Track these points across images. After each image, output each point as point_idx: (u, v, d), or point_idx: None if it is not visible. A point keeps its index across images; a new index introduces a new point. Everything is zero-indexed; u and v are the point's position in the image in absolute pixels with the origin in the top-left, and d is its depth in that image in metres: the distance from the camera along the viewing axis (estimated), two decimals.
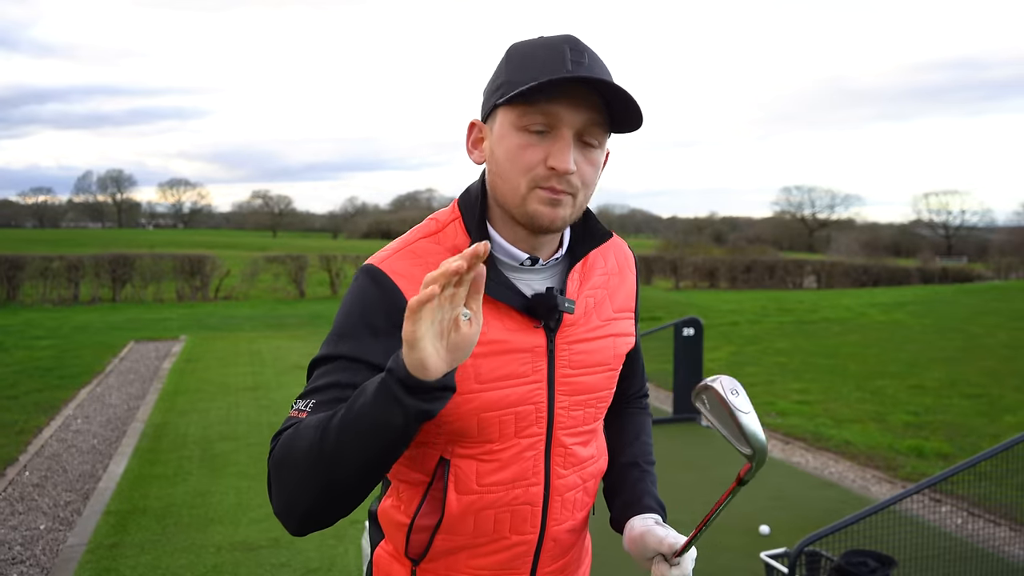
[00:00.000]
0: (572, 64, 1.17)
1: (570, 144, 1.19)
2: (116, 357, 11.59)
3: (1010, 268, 42.27)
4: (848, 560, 3.41)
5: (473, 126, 1.30)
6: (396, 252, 1.26)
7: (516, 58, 1.22)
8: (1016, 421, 7.57)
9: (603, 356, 1.35)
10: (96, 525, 4.94)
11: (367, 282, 1.23)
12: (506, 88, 1.19)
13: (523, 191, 1.21)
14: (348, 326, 1.21)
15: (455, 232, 1.29)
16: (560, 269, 1.34)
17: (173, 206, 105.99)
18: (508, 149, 1.21)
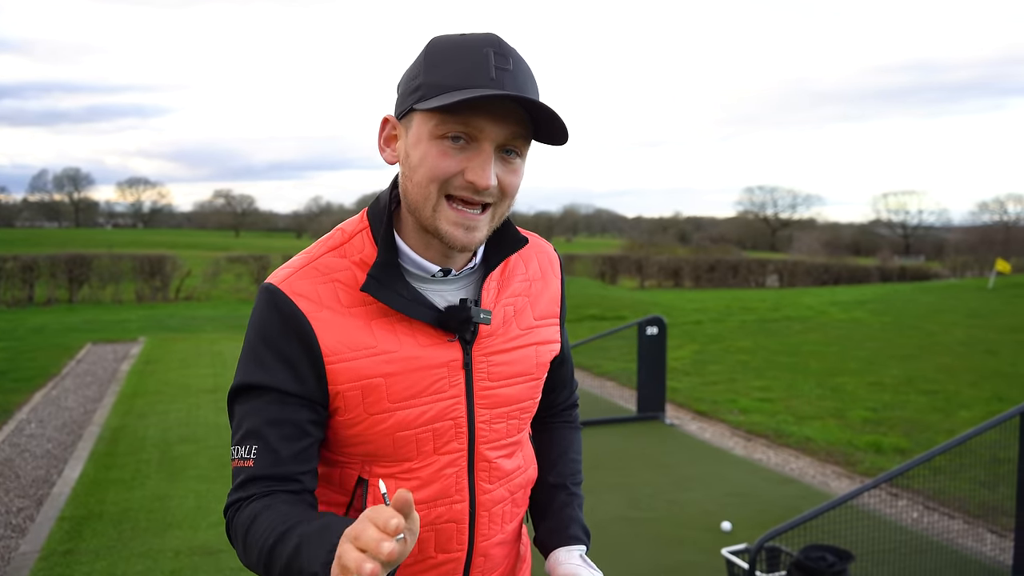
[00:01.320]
0: (496, 71, 1.10)
1: (491, 158, 1.13)
2: (73, 359, 11.35)
3: (965, 267, 43.25)
4: (807, 555, 3.45)
5: (386, 122, 1.22)
6: (298, 270, 1.21)
7: (435, 57, 1.14)
8: (970, 416, 7.74)
9: (524, 366, 1.30)
10: (50, 532, 4.82)
11: (268, 307, 1.19)
12: (425, 91, 1.12)
13: (434, 199, 1.14)
14: (258, 354, 1.18)
15: (362, 244, 1.23)
16: (475, 278, 1.29)
17: (132, 205, 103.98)
18: (424, 155, 1.14)
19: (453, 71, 1.11)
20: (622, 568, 4.31)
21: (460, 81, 1.10)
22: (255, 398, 1.17)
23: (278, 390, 1.16)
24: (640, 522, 4.97)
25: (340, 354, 1.15)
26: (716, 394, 9.03)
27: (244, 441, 1.17)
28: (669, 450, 6.67)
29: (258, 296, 1.21)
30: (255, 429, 1.17)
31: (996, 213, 74.56)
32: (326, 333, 1.16)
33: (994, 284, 23.62)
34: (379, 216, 1.23)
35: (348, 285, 1.19)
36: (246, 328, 1.25)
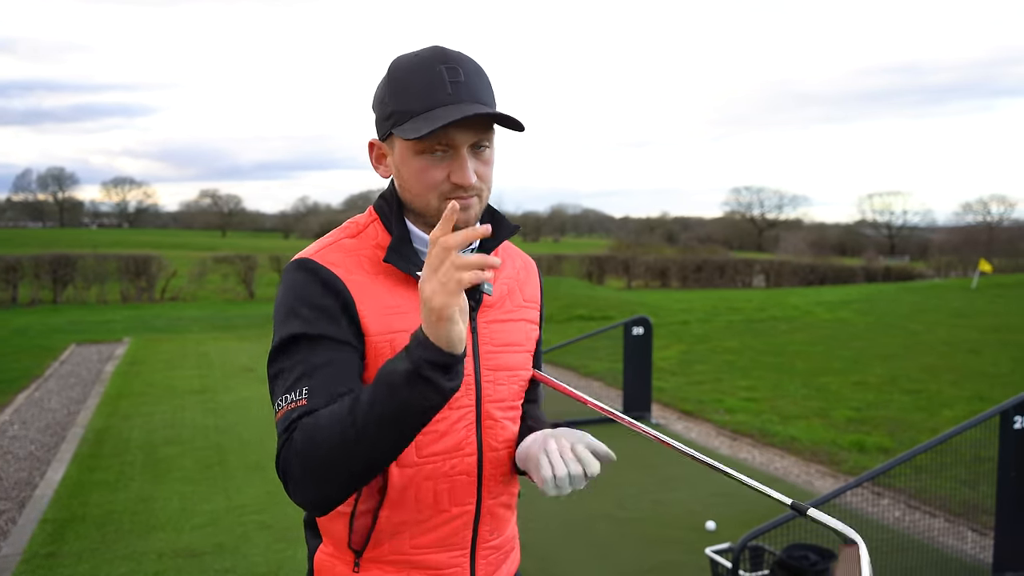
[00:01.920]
0: (451, 86, 1.28)
1: (467, 159, 1.31)
2: (56, 361, 11.27)
3: (949, 267, 43.63)
4: (790, 554, 3.48)
5: (373, 146, 1.41)
6: (325, 247, 1.36)
7: (397, 84, 1.31)
8: (953, 415, 7.81)
9: (518, 336, 1.47)
10: (32, 534, 4.79)
11: (303, 273, 1.31)
12: (397, 118, 1.31)
13: (435, 205, 1.33)
14: (300, 313, 1.28)
15: (376, 232, 1.40)
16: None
17: (118, 205, 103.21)
18: (413, 172, 1.33)
19: (416, 95, 1.29)
20: (607, 567, 4.33)
21: (424, 103, 1.28)
22: (302, 349, 1.26)
23: (324, 336, 1.27)
24: (625, 522, 4.99)
25: (372, 309, 1.29)
26: (702, 394, 9.07)
27: (295, 386, 1.24)
28: (654, 450, 6.68)
29: (288, 272, 1.33)
30: (306, 372, 1.25)
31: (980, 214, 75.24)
32: (359, 293, 1.30)
33: (977, 284, 23.83)
34: (388, 207, 1.40)
35: (370, 260, 1.35)
36: (274, 308, 1.36)
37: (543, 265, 28.93)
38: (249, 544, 4.57)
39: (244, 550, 4.49)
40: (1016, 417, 3.88)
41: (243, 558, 4.39)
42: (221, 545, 4.56)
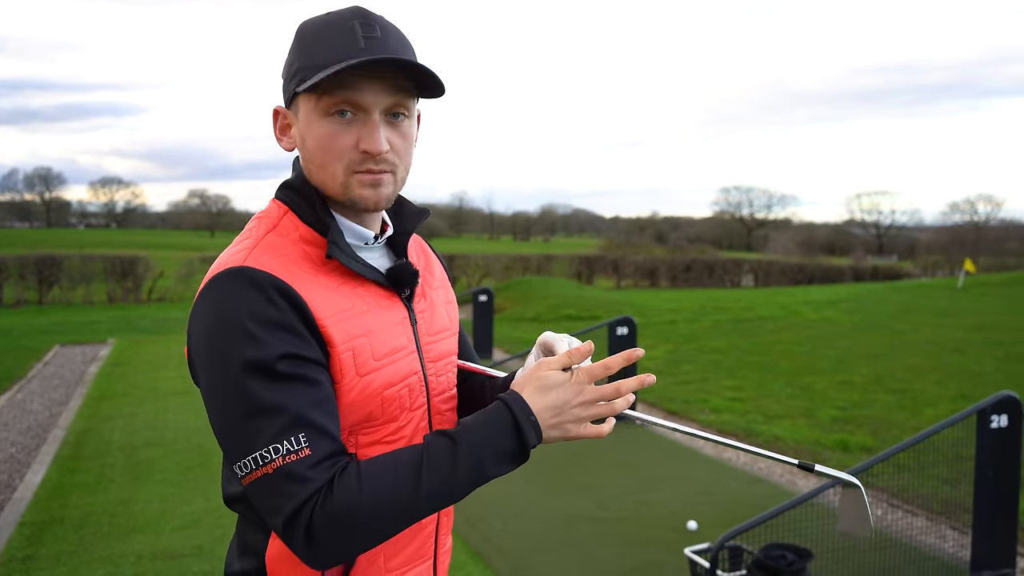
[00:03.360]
0: (364, 40, 1.16)
1: (378, 125, 1.19)
2: (40, 362, 11.18)
3: (936, 266, 43.92)
4: (767, 553, 3.48)
5: (277, 113, 1.27)
6: (252, 250, 1.18)
7: (306, 40, 1.19)
8: (936, 415, 7.84)
9: (445, 321, 1.41)
10: (9, 537, 4.75)
11: (242, 289, 1.11)
12: (303, 74, 1.17)
13: (341, 178, 1.20)
14: (251, 333, 1.08)
15: (293, 224, 1.24)
16: (386, 247, 1.36)
17: (105, 205, 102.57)
18: (318, 137, 1.19)
19: (324, 50, 1.16)
20: (587, 568, 4.32)
21: (332, 57, 1.15)
22: (273, 381, 1.08)
23: (297, 358, 1.10)
24: (607, 522, 4.99)
25: (329, 316, 1.15)
26: (688, 393, 9.08)
27: (287, 432, 1.07)
28: (638, 450, 6.69)
29: (220, 285, 1.12)
30: (293, 412, 1.08)
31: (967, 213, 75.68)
32: (313, 299, 1.15)
33: (963, 283, 23.97)
34: (300, 195, 1.25)
35: (303, 258, 1.20)
36: (198, 336, 1.14)
37: (532, 265, 28.95)
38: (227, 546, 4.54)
39: (223, 552, 4.46)
40: (994, 416, 3.90)
41: (222, 560, 4.36)
42: (200, 547, 4.53)
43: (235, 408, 1.09)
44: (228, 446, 1.11)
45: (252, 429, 1.08)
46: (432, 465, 1.10)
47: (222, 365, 1.09)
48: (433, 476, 1.10)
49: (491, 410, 1.16)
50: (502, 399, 1.17)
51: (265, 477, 1.07)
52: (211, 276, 1.15)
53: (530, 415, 1.15)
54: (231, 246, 1.23)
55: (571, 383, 1.17)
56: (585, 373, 1.17)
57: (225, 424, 1.11)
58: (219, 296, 1.12)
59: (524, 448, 1.15)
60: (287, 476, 1.06)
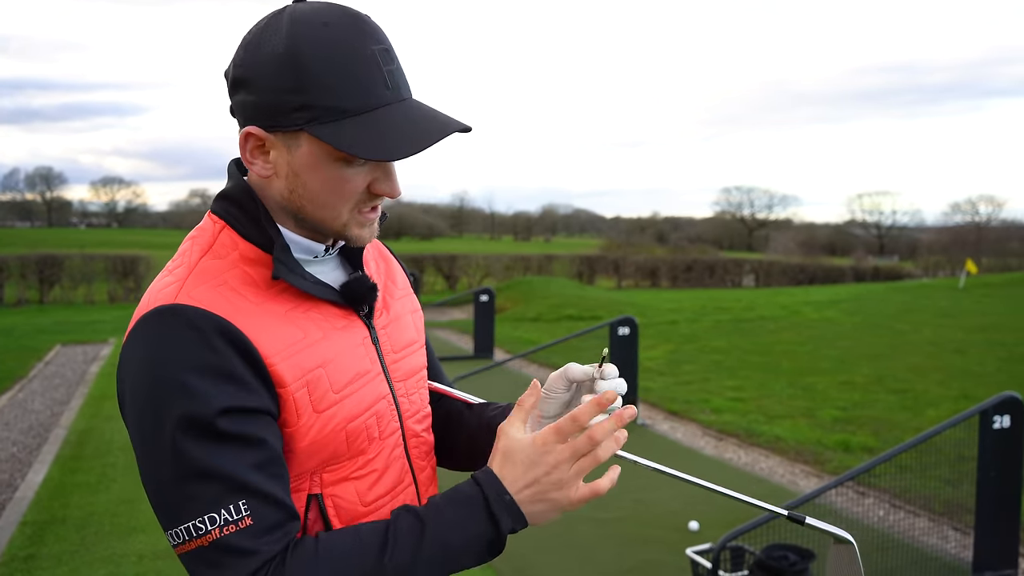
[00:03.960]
0: (387, 75, 1.04)
1: (393, 167, 1.10)
2: (41, 361, 11.19)
3: (938, 266, 43.89)
4: (769, 554, 3.48)
5: (250, 136, 1.06)
6: (184, 281, 1.04)
7: (314, 67, 1.01)
8: (938, 415, 7.83)
9: (411, 334, 1.27)
10: (11, 537, 4.75)
11: (175, 331, 0.98)
12: (321, 114, 1.01)
13: (345, 218, 1.09)
14: (187, 385, 0.95)
15: (232, 242, 1.09)
16: (339, 258, 1.23)
17: (107, 205, 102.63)
18: (328, 180, 1.06)
19: (347, 89, 1.01)
20: (588, 568, 4.32)
21: (361, 101, 1.02)
22: (210, 439, 0.95)
23: (238, 411, 0.97)
24: (607, 522, 4.98)
25: (278, 352, 1.02)
26: (689, 394, 9.08)
27: (224, 499, 0.95)
28: (639, 450, 6.68)
29: (146, 329, 0.99)
30: (232, 476, 0.95)
31: (968, 214, 75.61)
32: (257, 334, 1.01)
33: (964, 284, 23.96)
34: (241, 209, 1.10)
35: (244, 283, 1.06)
36: (128, 385, 1.00)
37: (533, 265, 28.95)
38: None
39: None
40: (996, 416, 3.89)
41: None
42: None
43: (166, 470, 0.96)
44: (159, 512, 0.99)
45: (184, 495, 0.95)
46: (397, 545, 1.00)
47: (153, 420, 0.96)
48: (397, 558, 0.99)
49: (461, 489, 1.06)
50: (475, 477, 1.07)
51: (200, 550, 0.96)
52: (139, 315, 1.01)
53: (504, 494, 1.04)
54: (162, 274, 1.08)
55: (537, 444, 1.05)
56: (551, 432, 1.05)
57: (156, 488, 0.98)
58: (150, 340, 0.99)
59: (499, 534, 1.04)
60: (225, 550, 0.95)
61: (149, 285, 1.07)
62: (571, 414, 1.05)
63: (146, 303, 1.03)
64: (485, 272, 26.99)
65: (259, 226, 1.08)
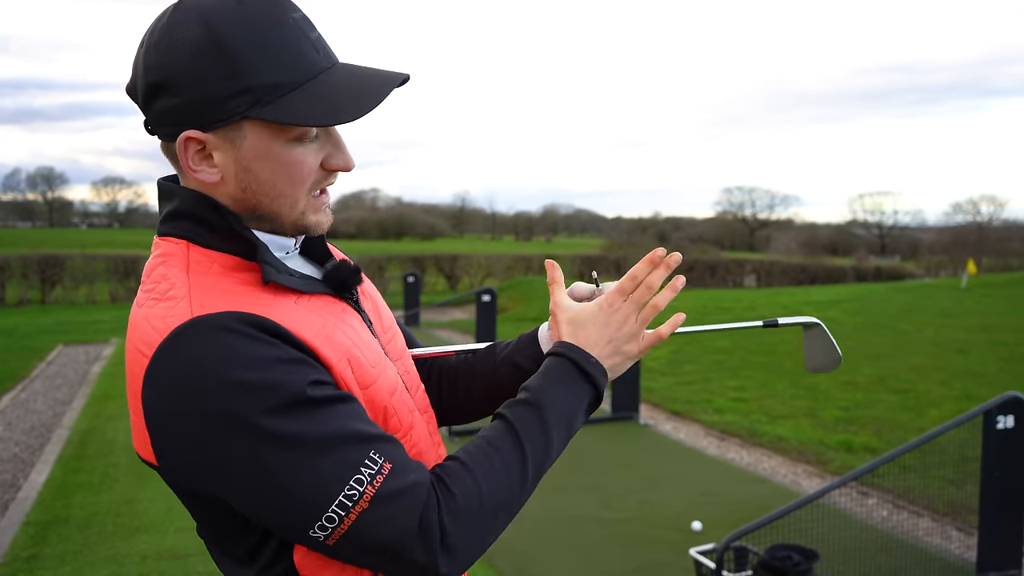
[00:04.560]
0: (315, 43, 1.00)
1: (341, 137, 1.05)
2: (43, 361, 11.20)
3: (939, 266, 43.82)
4: (772, 554, 3.47)
5: (190, 141, 0.98)
6: (190, 295, 0.95)
7: (241, 45, 0.94)
8: (940, 415, 7.82)
9: (389, 314, 1.25)
10: (14, 537, 4.76)
11: (215, 339, 0.90)
12: (261, 94, 0.95)
13: (302, 205, 1.04)
14: (255, 379, 0.88)
15: (206, 258, 1.00)
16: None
17: (108, 205, 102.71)
18: (281, 167, 1.00)
19: (281, 60, 0.96)
20: (591, 568, 4.32)
21: (298, 71, 0.97)
22: (304, 414, 0.90)
23: (315, 381, 0.92)
24: (611, 522, 4.98)
25: (315, 337, 0.97)
26: (691, 394, 9.07)
27: (357, 459, 0.91)
28: (642, 450, 6.69)
29: (174, 356, 0.90)
30: (349, 434, 0.92)
31: (970, 214, 75.50)
32: (289, 324, 0.95)
33: (967, 284, 23.94)
34: (202, 224, 1.01)
35: (243, 286, 0.99)
36: (181, 428, 0.90)
37: (535, 265, 28.93)
38: None
39: None
40: (1000, 417, 3.89)
41: None
42: (205, 548, 4.53)
43: (287, 466, 0.89)
44: (296, 516, 0.91)
45: (317, 477, 0.89)
46: (529, 435, 1.04)
47: (241, 431, 0.88)
48: (534, 444, 1.04)
49: (551, 366, 1.10)
50: (553, 353, 1.12)
51: (363, 515, 0.90)
52: (157, 350, 0.91)
53: (589, 357, 1.11)
54: (148, 304, 0.97)
55: (604, 307, 1.14)
56: (614, 294, 1.14)
57: (284, 493, 0.89)
58: (192, 361, 0.89)
59: (598, 393, 1.11)
60: (388, 498, 0.91)
61: (133, 317, 0.98)
62: (628, 274, 1.15)
63: (150, 334, 0.92)
64: (487, 272, 26.99)
65: (228, 234, 1.01)
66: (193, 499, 0.99)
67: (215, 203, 1.01)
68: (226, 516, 0.98)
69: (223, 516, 0.98)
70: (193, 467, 0.92)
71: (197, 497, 0.98)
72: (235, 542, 1.02)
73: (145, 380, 0.91)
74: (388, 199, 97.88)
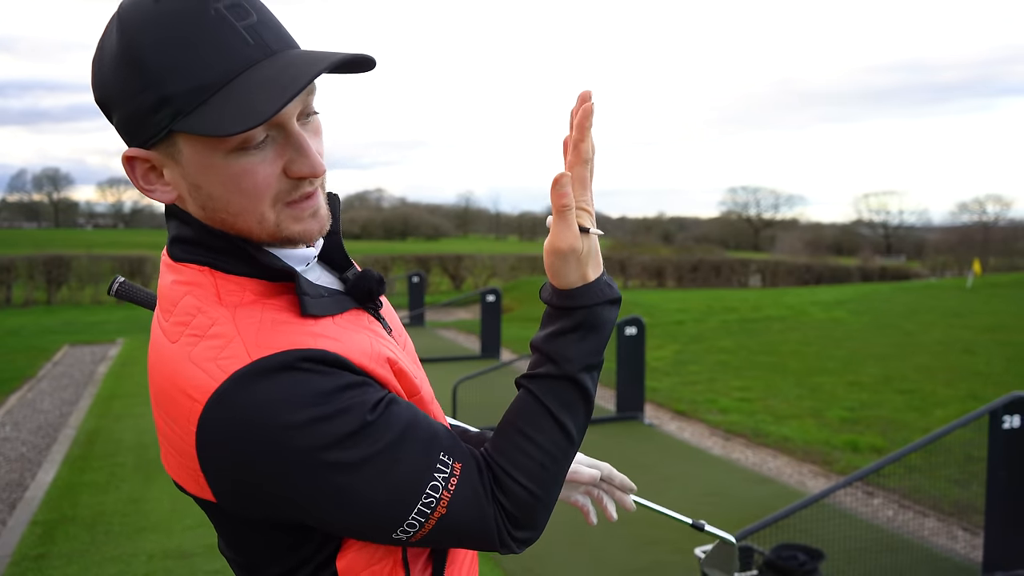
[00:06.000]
0: (246, 31, 0.86)
1: (304, 138, 0.91)
2: (49, 362, 11.24)
3: (945, 266, 43.75)
4: (778, 554, 3.48)
5: (133, 160, 0.92)
6: (238, 337, 0.89)
7: (156, 50, 0.85)
8: (946, 415, 7.81)
9: (398, 318, 1.18)
10: (22, 536, 4.78)
11: (274, 378, 0.86)
12: (182, 103, 0.85)
13: (273, 218, 0.92)
14: (329, 407, 0.86)
15: (236, 286, 0.94)
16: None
17: (113, 206, 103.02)
18: (228, 180, 0.89)
19: (201, 61, 0.84)
20: (597, 567, 4.32)
21: (221, 69, 0.85)
22: (370, 435, 0.88)
23: (376, 402, 0.91)
24: (616, 522, 4.96)
25: (364, 356, 0.94)
26: (696, 394, 9.07)
27: (428, 462, 0.92)
28: (647, 450, 6.69)
29: (244, 392, 0.85)
30: (418, 443, 0.93)
31: (976, 213, 75.31)
32: (342, 348, 0.92)
33: (972, 284, 23.87)
34: (221, 252, 0.95)
35: (284, 313, 0.93)
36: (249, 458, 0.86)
37: (539, 265, 28.93)
38: None
39: None
40: (1005, 417, 3.88)
41: None
42: (211, 546, 4.55)
43: (357, 492, 0.88)
44: (374, 531, 0.93)
45: (391, 495, 0.90)
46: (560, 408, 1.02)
47: (312, 467, 0.86)
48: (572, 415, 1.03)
49: (548, 320, 1.06)
50: (549, 304, 1.07)
51: (441, 520, 0.94)
52: (214, 395, 0.85)
53: (584, 294, 1.08)
54: (187, 344, 0.89)
55: (556, 231, 1.09)
56: (569, 204, 1.09)
57: (356, 513, 0.90)
58: (256, 408, 0.84)
59: (615, 300, 1.09)
60: (463, 500, 0.95)
61: (168, 353, 0.91)
62: (574, 158, 1.12)
63: (200, 378, 0.86)
64: (491, 272, 27.00)
65: (250, 260, 0.94)
66: (242, 526, 0.96)
67: (215, 230, 0.95)
68: (273, 542, 0.96)
69: (271, 541, 0.96)
70: (262, 504, 0.90)
71: (248, 525, 0.95)
72: (271, 563, 0.99)
73: (201, 427, 0.86)
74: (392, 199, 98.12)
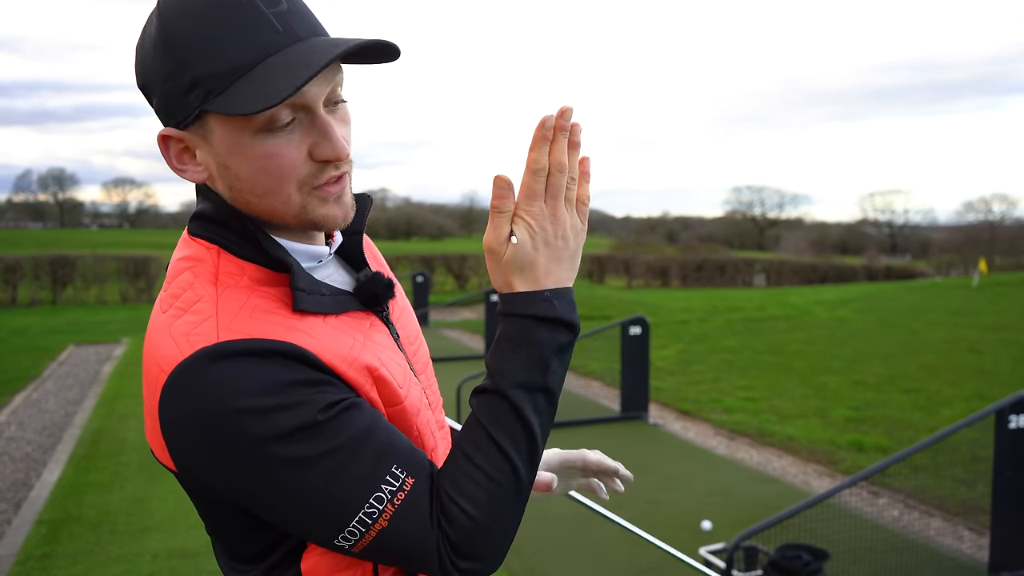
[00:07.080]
0: (276, 19, 0.91)
1: (330, 124, 0.94)
2: (54, 361, 11.27)
3: (950, 265, 43.65)
4: (783, 554, 3.46)
5: (168, 139, 0.97)
6: (217, 316, 0.91)
7: (190, 37, 0.90)
8: (952, 415, 7.79)
9: (415, 324, 1.19)
10: (27, 535, 4.79)
11: (235, 366, 0.87)
12: (213, 84, 0.90)
13: (298, 200, 0.96)
14: (280, 402, 0.87)
15: (236, 267, 0.97)
16: (337, 254, 1.13)
17: (118, 206, 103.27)
18: (255, 160, 0.93)
19: (230, 46, 0.89)
20: (601, 567, 4.31)
21: (247, 55, 0.89)
22: (315, 437, 0.88)
23: (333, 403, 0.90)
24: (615, 523, 4.97)
25: (343, 360, 0.94)
26: (700, 393, 9.05)
27: (376, 473, 0.90)
28: (651, 449, 6.68)
29: (199, 371, 0.87)
30: (370, 451, 0.90)
31: (981, 212, 75.08)
32: (315, 348, 0.92)
33: (978, 283, 23.80)
34: (232, 232, 0.98)
35: (273, 303, 0.95)
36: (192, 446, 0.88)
37: None
38: None
39: None
40: (1012, 416, 3.87)
41: None
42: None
43: (300, 490, 0.88)
44: (314, 533, 0.92)
45: (334, 499, 0.89)
46: (503, 432, 0.96)
47: (256, 457, 0.87)
48: (513, 440, 0.96)
49: (502, 336, 0.99)
50: (502, 313, 1.00)
51: (382, 533, 0.91)
52: (176, 369, 0.88)
53: (536, 302, 0.98)
54: (171, 311, 0.93)
55: (532, 227, 0.99)
56: (530, 203, 0.99)
57: (297, 511, 0.90)
58: (213, 386, 0.86)
59: (572, 328, 1.00)
60: (407, 516, 0.92)
61: (155, 322, 0.94)
62: (527, 170, 1.00)
63: (170, 349, 0.89)
64: None
65: (258, 245, 0.97)
66: (206, 504, 0.99)
67: (238, 212, 0.98)
68: (236, 522, 0.97)
69: (234, 521, 0.98)
70: (212, 482, 0.91)
71: (210, 503, 0.98)
72: (244, 544, 1.01)
73: (163, 397, 0.89)
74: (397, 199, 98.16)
